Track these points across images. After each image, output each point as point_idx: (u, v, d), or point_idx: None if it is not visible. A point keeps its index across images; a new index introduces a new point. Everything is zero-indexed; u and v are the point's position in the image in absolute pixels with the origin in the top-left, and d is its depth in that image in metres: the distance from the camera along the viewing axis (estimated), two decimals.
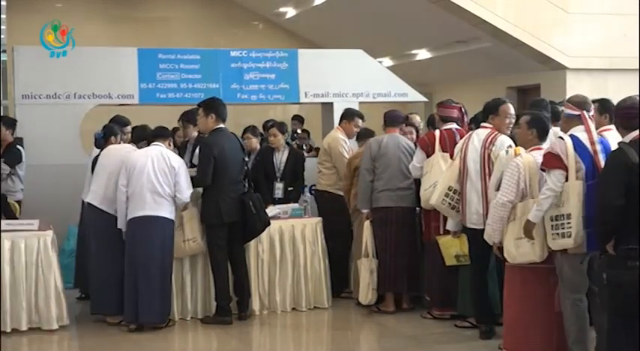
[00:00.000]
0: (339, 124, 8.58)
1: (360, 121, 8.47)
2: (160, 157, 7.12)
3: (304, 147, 11.35)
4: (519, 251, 5.74)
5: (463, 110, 7.52)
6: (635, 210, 4.90)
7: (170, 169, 7.10)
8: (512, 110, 6.70)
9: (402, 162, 7.62)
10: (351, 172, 7.95)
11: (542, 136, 5.98)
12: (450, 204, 6.74)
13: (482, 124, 6.78)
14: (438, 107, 7.64)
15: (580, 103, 5.81)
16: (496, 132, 6.59)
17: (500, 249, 5.95)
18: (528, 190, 5.75)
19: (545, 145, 5.94)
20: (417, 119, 8.80)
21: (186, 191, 7.13)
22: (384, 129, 7.91)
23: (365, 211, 7.65)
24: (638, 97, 5.28)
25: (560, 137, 5.66)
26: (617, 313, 5.01)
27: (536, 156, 5.78)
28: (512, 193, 5.74)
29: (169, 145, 7.36)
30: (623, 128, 5.25)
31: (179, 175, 7.11)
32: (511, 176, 5.76)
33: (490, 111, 6.73)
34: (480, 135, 6.67)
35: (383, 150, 7.63)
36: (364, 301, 7.59)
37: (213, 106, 7.41)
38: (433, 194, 6.86)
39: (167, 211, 7.10)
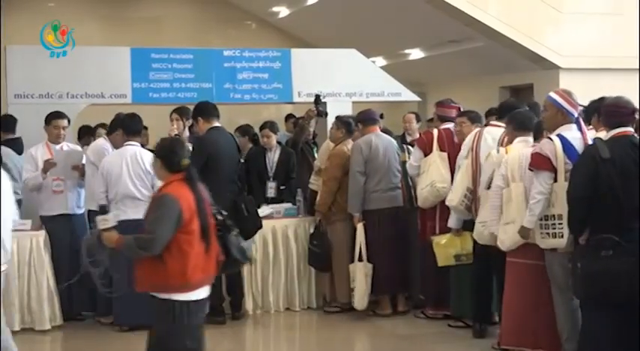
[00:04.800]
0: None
1: None
2: (134, 159, 7.13)
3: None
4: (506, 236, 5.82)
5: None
6: (607, 201, 4.97)
7: (145, 173, 7.10)
8: None
9: (392, 162, 7.59)
10: (342, 174, 7.64)
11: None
12: (467, 204, 6.65)
13: (493, 123, 6.80)
14: (436, 107, 7.63)
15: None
16: None
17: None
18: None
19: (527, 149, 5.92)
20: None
21: None
22: (361, 129, 7.74)
23: (357, 214, 7.55)
24: (626, 97, 5.33)
25: (549, 138, 5.65)
26: (590, 302, 5.11)
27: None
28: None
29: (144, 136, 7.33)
30: (606, 125, 5.33)
31: (155, 178, 7.07)
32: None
33: (508, 110, 6.68)
34: (492, 133, 6.62)
35: (374, 151, 7.54)
36: (360, 306, 7.49)
37: (198, 110, 7.46)
38: (452, 196, 6.72)
39: None
